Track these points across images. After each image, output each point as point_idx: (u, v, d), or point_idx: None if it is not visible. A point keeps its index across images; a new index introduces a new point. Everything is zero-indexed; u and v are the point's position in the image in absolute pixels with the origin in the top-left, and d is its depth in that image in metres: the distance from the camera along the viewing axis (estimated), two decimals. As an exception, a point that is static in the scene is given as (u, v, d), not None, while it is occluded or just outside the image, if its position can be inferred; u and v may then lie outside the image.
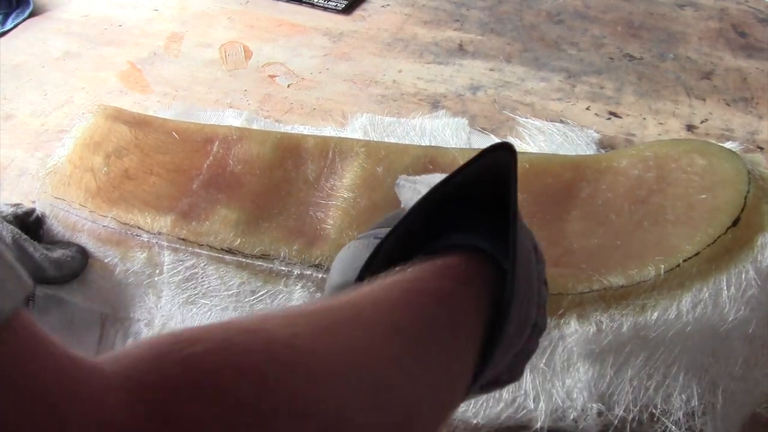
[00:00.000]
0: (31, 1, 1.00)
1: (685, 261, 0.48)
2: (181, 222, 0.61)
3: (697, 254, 0.48)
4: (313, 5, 0.98)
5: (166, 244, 0.60)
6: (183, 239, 0.60)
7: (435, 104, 0.79)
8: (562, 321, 0.50)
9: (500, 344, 0.28)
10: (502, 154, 0.29)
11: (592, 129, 0.71)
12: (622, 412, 0.48)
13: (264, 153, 0.67)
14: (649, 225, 0.53)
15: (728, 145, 0.59)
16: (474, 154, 0.65)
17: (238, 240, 0.59)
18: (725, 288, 0.47)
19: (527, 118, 0.74)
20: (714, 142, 0.62)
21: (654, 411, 0.48)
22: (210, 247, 0.59)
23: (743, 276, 0.47)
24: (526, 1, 0.96)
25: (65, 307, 0.60)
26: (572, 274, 0.51)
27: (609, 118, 0.76)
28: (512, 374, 0.34)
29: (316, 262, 0.57)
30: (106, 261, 0.61)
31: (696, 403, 0.47)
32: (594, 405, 0.49)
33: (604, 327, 0.49)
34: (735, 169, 0.53)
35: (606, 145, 0.71)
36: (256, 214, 0.62)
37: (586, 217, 0.57)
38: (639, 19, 0.91)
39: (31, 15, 1.00)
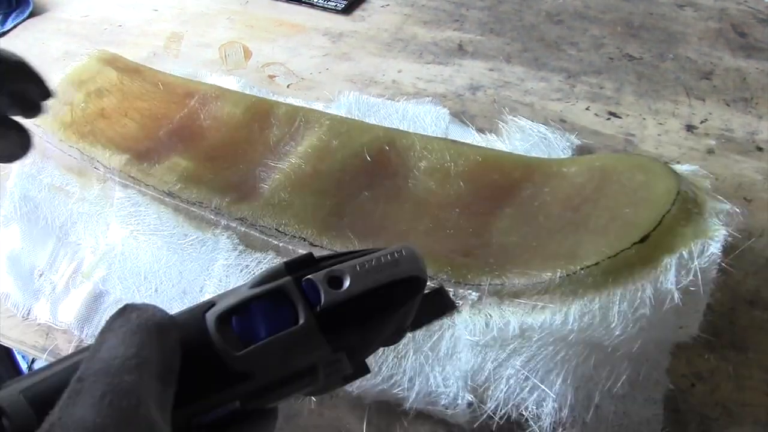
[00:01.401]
0: (31, 1, 1.00)
1: (582, 269, 0.47)
2: (134, 161, 0.65)
3: (595, 264, 0.47)
4: (312, 5, 0.98)
5: (118, 179, 0.65)
6: (133, 177, 0.64)
7: (435, 104, 0.79)
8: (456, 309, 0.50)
9: None
10: None
11: (575, 135, 0.70)
12: (492, 407, 0.48)
13: (234, 113, 0.70)
14: (569, 231, 0.53)
15: (685, 168, 0.57)
16: (451, 144, 0.65)
17: (179, 185, 0.62)
18: (618, 303, 0.46)
19: (515, 117, 0.73)
20: (666, 162, 0.59)
21: (524, 413, 0.48)
22: (154, 188, 0.63)
23: (639, 294, 0.46)
24: (526, 1, 0.96)
25: (35, 216, 0.67)
26: (476, 265, 0.52)
27: (609, 119, 0.76)
28: None
29: (242, 215, 0.59)
30: (67, 188, 0.67)
31: (566, 414, 0.47)
32: (467, 395, 0.49)
33: (492, 322, 0.49)
34: (666, 189, 0.52)
35: (584, 153, 0.69)
36: (206, 166, 0.65)
37: (516, 215, 0.57)
38: (639, 19, 0.91)
39: (31, 15, 1.00)
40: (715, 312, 0.56)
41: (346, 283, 0.31)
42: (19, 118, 0.45)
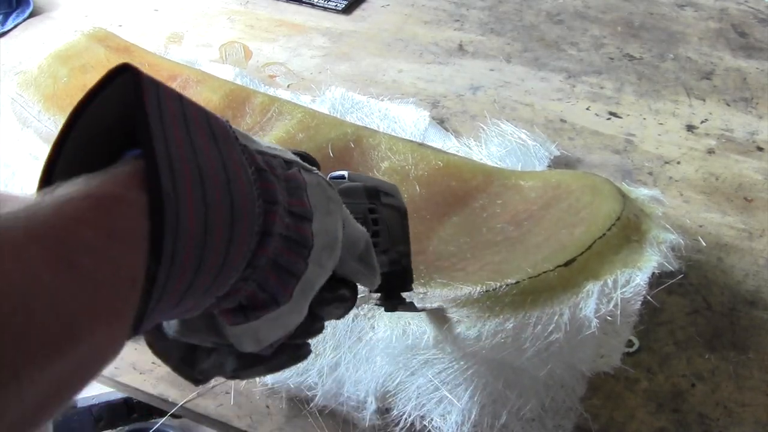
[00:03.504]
0: (31, 1, 1.00)
1: (501, 286, 0.47)
2: None
3: (516, 283, 0.47)
4: (313, 5, 0.98)
5: None
6: None
7: (435, 104, 0.79)
8: (377, 314, 0.50)
9: (164, 250, 0.25)
10: (122, 81, 0.27)
11: (555, 145, 0.69)
12: (398, 415, 0.48)
13: (211, 99, 0.71)
14: (504, 246, 0.53)
15: (644, 192, 0.57)
16: (417, 147, 0.63)
17: None
18: (532, 325, 0.45)
19: (498, 120, 0.73)
20: (626, 185, 0.59)
21: (427, 424, 0.48)
22: None
23: (555, 318, 0.45)
24: (526, 1, 0.96)
25: (12, 183, 0.69)
26: None
27: (609, 119, 0.76)
28: (272, 293, 0.32)
29: None
30: (43, 158, 0.69)
31: (468, 430, 0.46)
32: (373, 400, 0.49)
33: (410, 329, 0.49)
34: (605, 213, 0.51)
35: (560, 165, 0.69)
36: None
37: (462, 224, 0.57)
38: (639, 19, 0.91)
39: (31, 15, 1.00)
40: (715, 312, 0.56)
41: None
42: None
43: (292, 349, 0.38)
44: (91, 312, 0.24)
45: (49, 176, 0.28)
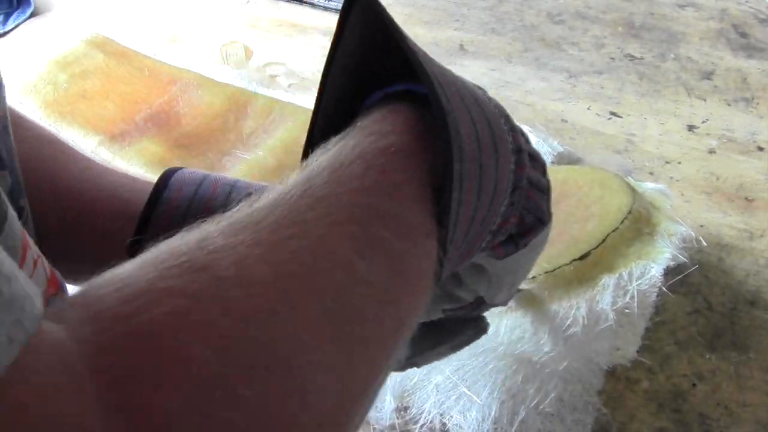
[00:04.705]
0: (32, 1, 1.00)
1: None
2: (107, 143, 0.68)
3: (532, 278, 0.47)
4: (313, 5, 0.98)
5: None
6: (102, 158, 0.66)
7: (435, 104, 0.79)
8: None
9: (452, 181, 0.24)
10: (361, 9, 0.27)
11: (557, 142, 0.69)
12: (417, 413, 0.48)
13: (213, 102, 0.71)
14: None
15: (650, 186, 0.56)
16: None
17: (145, 168, 0.64)
18: (550, 318, 0.46)
19: None
20: (632, 180, 0.59)
21: (446, 422, 0.48)
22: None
23: (572, 312, 0.46)
24: (527, 1, 0.96)
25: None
26: None
27: (610, 118, 0.76)
28: (536, 213, 0.31)
29: None
30: None
31: (488, 426, 0.46)
32: (391, 399, 0.49)
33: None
34: (617, 207, 0.51)
35: (563, 160, 0.69)
36: (174, 153, 0.67)
37: None
38: (639, 19, 0.91)
39: (32, 15, 1.00)
40: (716, 312, 0.56)
41: None
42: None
43: (475, 323, 0.37)
44: (406, 286, 0.23)
45: (312, 135, 0.28)
